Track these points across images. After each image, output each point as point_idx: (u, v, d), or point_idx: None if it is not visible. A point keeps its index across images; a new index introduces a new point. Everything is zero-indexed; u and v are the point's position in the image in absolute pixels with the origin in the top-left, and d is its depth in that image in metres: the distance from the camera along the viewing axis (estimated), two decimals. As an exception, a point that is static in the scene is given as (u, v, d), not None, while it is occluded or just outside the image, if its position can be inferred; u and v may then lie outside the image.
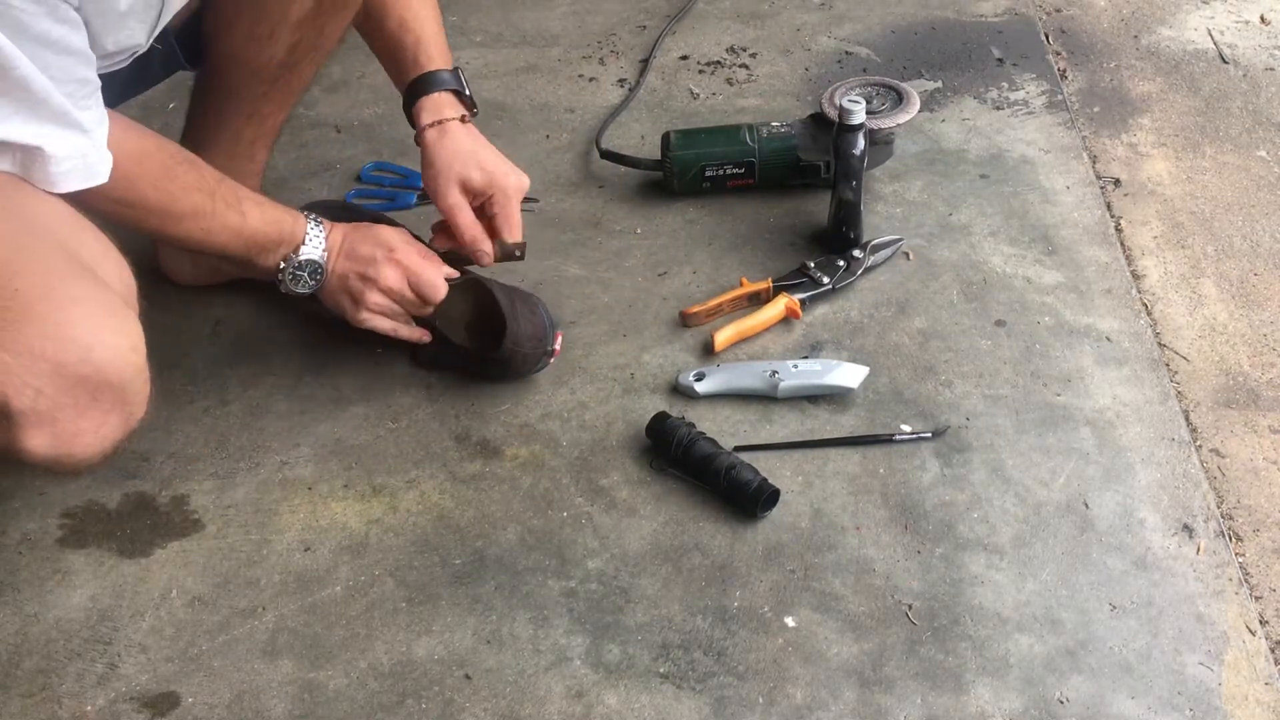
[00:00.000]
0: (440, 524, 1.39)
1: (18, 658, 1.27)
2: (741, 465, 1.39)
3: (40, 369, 1.01)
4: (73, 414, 1.05)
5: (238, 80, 1.50)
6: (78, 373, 1.03)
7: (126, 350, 1.08)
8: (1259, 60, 2.15)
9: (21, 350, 1.00)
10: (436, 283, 1.43)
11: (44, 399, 1.02)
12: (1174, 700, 1.21)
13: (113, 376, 1.06)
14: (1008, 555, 1.34)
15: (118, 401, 1.08)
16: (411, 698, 1.22)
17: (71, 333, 1.03)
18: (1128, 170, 1.91)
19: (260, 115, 1.54)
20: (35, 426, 1.03)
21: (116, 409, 1.08)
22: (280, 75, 1.49)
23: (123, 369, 1.07)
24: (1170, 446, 1.45)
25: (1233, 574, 1.32)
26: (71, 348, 1.03)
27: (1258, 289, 1.70)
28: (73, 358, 1.03)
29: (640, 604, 1.30)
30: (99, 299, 1.08)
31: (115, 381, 1.07)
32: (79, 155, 1.11)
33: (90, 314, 1.06)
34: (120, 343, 1.07)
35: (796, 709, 1.21)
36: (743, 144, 1.78)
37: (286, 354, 1.59)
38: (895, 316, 1.62)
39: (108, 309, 1.08)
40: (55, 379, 1.02)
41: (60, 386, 1.03)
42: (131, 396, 1.09)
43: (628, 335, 1.60)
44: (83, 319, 1.05)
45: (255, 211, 1.36)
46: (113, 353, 1.06)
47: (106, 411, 1.07)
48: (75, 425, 1.06)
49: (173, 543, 1.37)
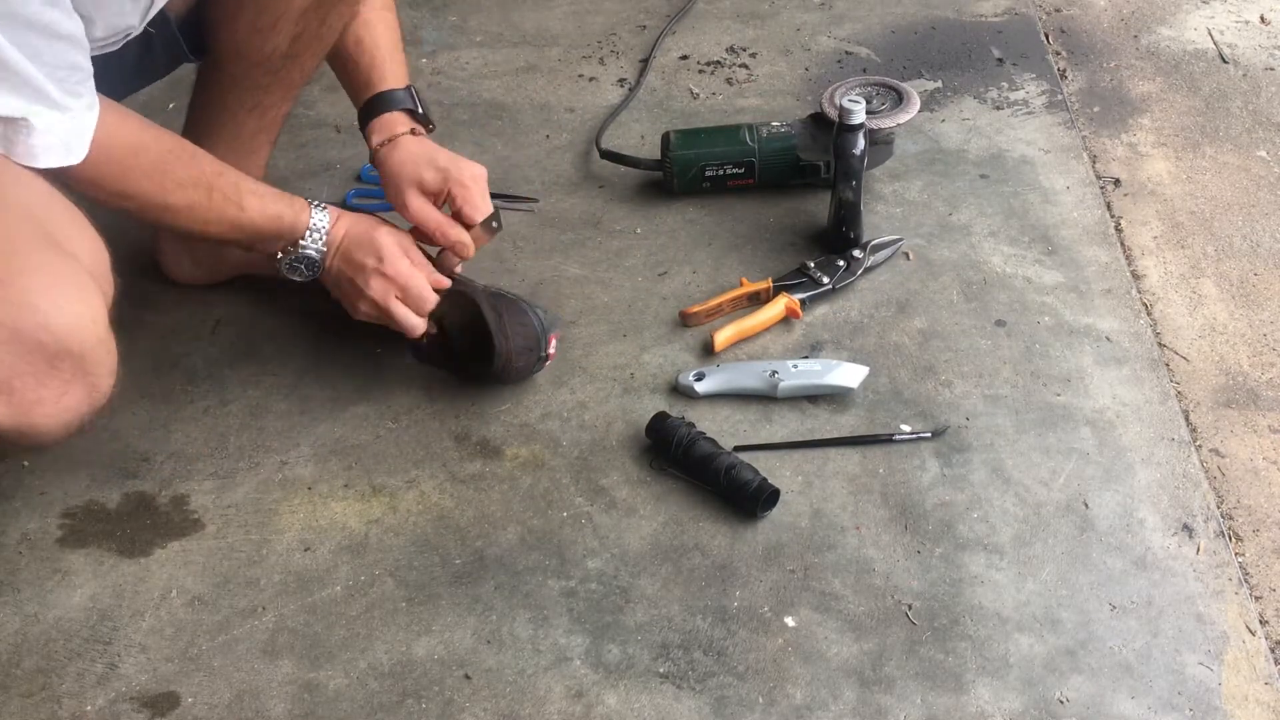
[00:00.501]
0: (440, 524, 1.39)
1: (17, 657, 1.27)
2: (741, 465, 1.39)
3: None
4: (32, 382, 1.04)
5: (240, 72, 1.50)
6: (35, 339, 1.03)
7: (86, 319, 1.07)
8: (1259, 60, 2.15)
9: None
10: (425, 295, 1.44)
11: (1, 366, 1.02)
12: (1174, 700, 1.21)
13: (72, 344, 1.06)
14: (1008, 555, 1.34)
15: (78, 370, 1.07)
16: (411, 698, 1.22)
17: (29, 299, 1.03)
18: (1128, 170, 1.91)
19: (262, 107, 1.54)
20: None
21: (78, 378, 1.08)
22: (282, 67, 1.49)
23: (83, 337, 1.07)
24: (1170, 446, 1.45)
25: (1232, 574, 1.32)
26: (29, 313, 1.02)
27: (1258, 289, 1.70)
28: (29, 323, 1.02)
29: (640, 604, 1.30)
30: (61, 268, 1.07)
31: (75, 349, 1.06)
32: (58, 132, 1.11)
33: (50, 282, 1.05)
34: (80, 309, 1.07)
35: (796, 709, 1.21)
36: (743, 144, 1.78)
37: (286, 354, 1.59)
38: (895, 316, 1.62)
39: (69, 278, 1.07)
40: (11, 345, 1.02)
41: (17, 353, 1.02)
42: (93, 366, 1.09)
43: (628, 335, 1.60)
44: (42, 287, 1.04)
45: (255, 205, 1.36)
46: (72, 319, 1.06)
47: (67, 381, 1.07)
48: (35, 394, 1.05)
49: (173, 543, 1.37)
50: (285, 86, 1.54)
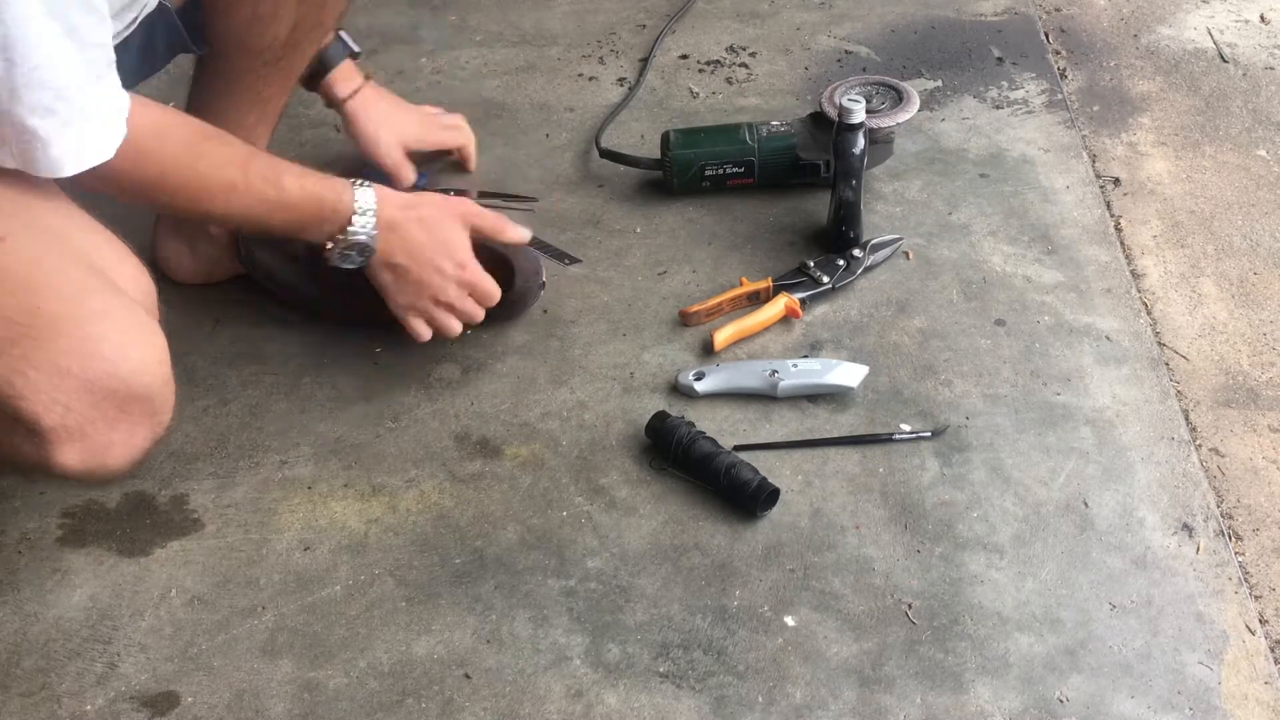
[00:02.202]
0: (440, 523, 1.39)
1: (17, 657, 1.27)
2: (741, 464, 1.39)
3: (68, 385, 1.02)
4: (103, 428, 1.05)
5: (240, 62, 1.49)
6: (106, 387, 1.04)
7: (153, 362, 1.08)
8: (1259, 59, 2.15)
9: (48, 368, 1.01)
10: (494, 293, 1.44)
11: (73, 415, 1.03)
12: (1174, 699, 1.21)
13: (140, 389, 1.07)
14: (1007, 554, 1.34)
15: (146, 412, 1.09)
16: (411, 697, 1.22)
17: (97, 348, 1.04)
18: (1127, 169, 1.91)
19: (263, 98, 1.54)
20: (66, 442, 1.04)
21: (145, 420, 1.09)
22: (283, 55, 1.49)
23: (150, 381, 1.08)
24: (1170, 446, 1.45)
25: (1232, 573, 1.32)
26: (98, 363, 1.03)
27: (1257, 288, 1.70)
28: (100, 373, 1.03)
29: (640, 603, 1.30)
30: (123, 311, 1.08)
31: (143, 393, 1.07)
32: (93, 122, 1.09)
33: (115, 328, 1.06)
34: (146, 355, 1.08)
35: (796, 708, 1.21)
36: (742, 143, 1.78)
37: (286, 353, 1.59)
38: (895, 316, 1.62)
39: (132, 321, 1.08)
40: (83, 395, 1.03)
41: (89, 402, 1.03)
42: (159, 406, 1.10)
43: (627, 334, 1.60)
44: (108, 333, 1.05)
45: (294, 184, 1.31)
46: (139, 365, 1.07)
47: (135, 424, 1.08)
48: (106, 438, 1.06)
49: (172, 542, 1.37)
50: (285, 76, 1.53)
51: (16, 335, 1.00)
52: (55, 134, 1.04)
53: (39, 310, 1.02)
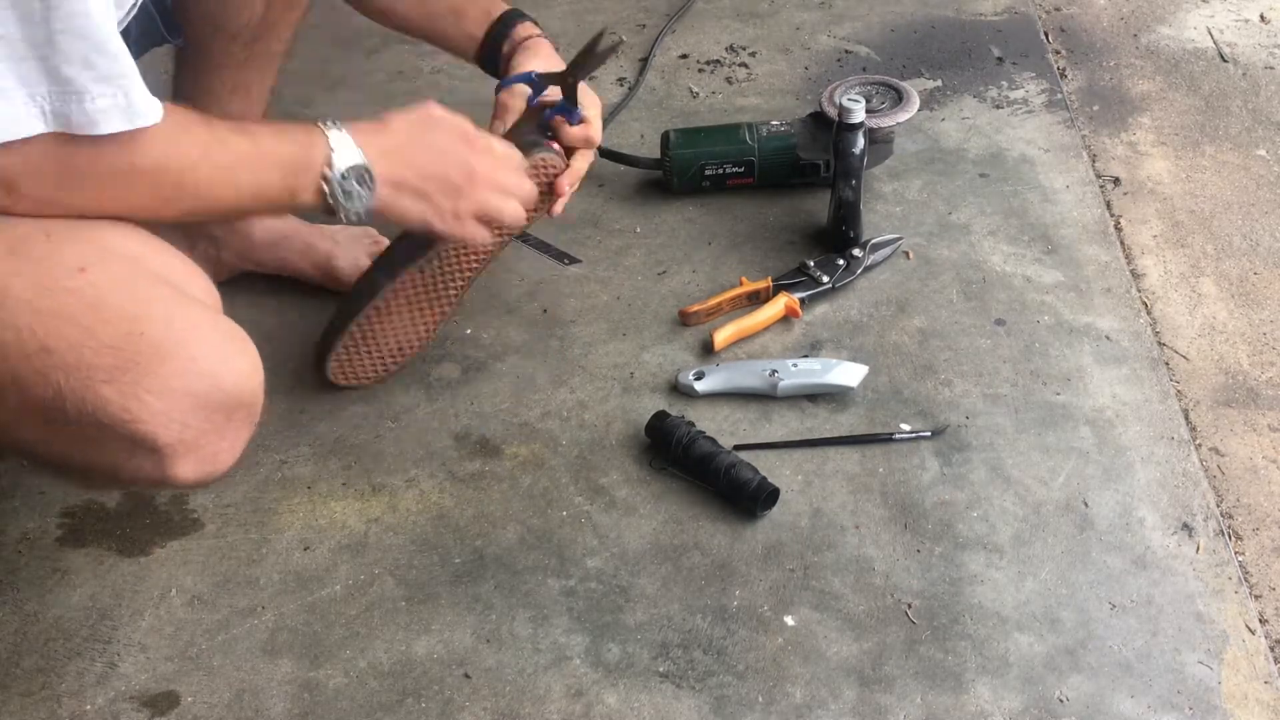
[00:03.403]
0: (440, 523, 1.39)
1: (17, 656, 1.27)
2: (741, 464, 1.39)
3: (183, 404, 1.07)
4: (213, 438, 1.11)
5: (217, 49, 1.47)
6: (214, 400, 1.09)
7: (250, 369, 1.14)
8: (1259, 59, 2.15)
9: (160, 390, 1.05)
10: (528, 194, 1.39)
11: (189, 430, 1.08)
12: (1173, 699, 1.21)
13: (244, 397, 1.13)
14: (1007, 554, 1.34)
15: (248, 418, 1.15)
16: (411, 697, 1.22)
17: (202, 365, 1.08)
18: (1127, 169, 1.91)
19: (245, 85, 1.52)
20: (183, 456, 1.09)
21: (246, 421, 1.15)
22: (258, 36, 1.47)
23: (251, 387, 1.14)
24: (1170, 445, 1.45)
25: (1232, 573, 1.32)
26: (206, 380, 1.08)
27: (1257, 288, 1.70)
28: (208, 387, 1.08)
29: (640, 603, 1.30)
30: (214, 324, 1.13)
31: (246, 401, 1.13)
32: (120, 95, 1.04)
33: (212, 342, 1.11)
34: (244, 363, 1.13)
35: (796, 708, 1.21)
36: (742, 143, 1.78)
37: (286, 353, 1.59)
38: (895, 315, 1.62)
39: (226, 334, 1.13)
40: (195, 410, 1.08)
41: (201, 416, 1.08)
42: (257, 409, 1.16)
43: (627, 334, 1.60)
44: (208, 350, 1.10)
45: (265, 131, 1.21)
46: (240, 376, 1.12)
47: (240, 427, 1.14)
48: (216, 446, 1.12)
49: (172, 542, 1.37)
50: (264, 60, 1.51)
51: (124, 362, 1.04)
52: (92, 86, 1.02)
53: (142, 336, 1.06)
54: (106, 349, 1.04)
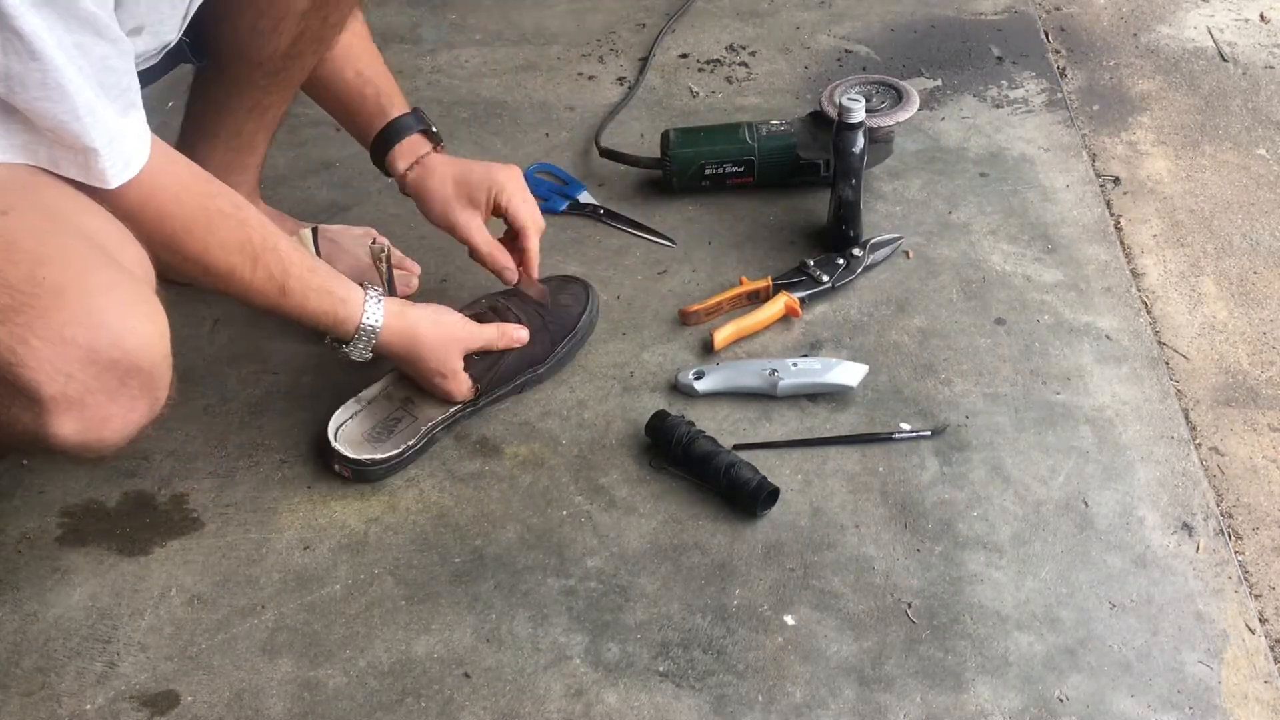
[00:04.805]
0: (439, 522, 1.39)
1: (17, 656, 1.27)
2: (741, 464, 1.39)
3: (71, 355, 1.02)
4: (103, 399, 1.06)
5: (239, 73, 1.49)
6: (109, 358, 1.04)
7: (155, 336, 1.09)
8: (1258, 58, 2.15)
9: (52, 337, 1.01)
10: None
11: (74, 384, 1.03)
12: (1173, 699, 1.21)
13: (143, 362, 1.08)
14: (1007, 553, 1.34)
15: (146, 386, 1.09)
16: (411, 696, 1.22)
17: (102, 318, 1.04)
18: (1127, 168, 1.91)
19: (261, 108, 1.54)
20: (64, 412, 1.04)
21: (144, 394, 1.09)
22: (283, 67, 1.48)
23: (152, 355, 1.08)
24: (1170, 445, 1.45)
25: (1232, 572, 1.32)
26: (103, 333, 1.04)
27: (1257, 287, 1.70)
28: (104, 343, 1.04)
29: (640, 602, 1.30)
30: (127, 285, 1.09)
31: (145, 367, 1.08)
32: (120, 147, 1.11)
33: (120, 300, 1.07)
34: (150, 328, 1.08)
35: (796, 707, 1.21)
36: (742, 142, 1.78)
37: (286, 352, 1.59)
38: (895, 315, 1.62)
39: (137, 295, 1.09)
40: (86, 365, 1.03)
41: (91, 372, 1.04)
42: (158, 381, 1.11)
43: (627, 334, 1.60)
44: (113, 305, 1.06)
45: (297, 296, 1.28)
46: (143, 338, 1.07)
47: (134, 397, 1.08)
48: (105, 410, 1.06)
49: (172, 541, 1.37)
50: (285, 87, 1.53)
51: (20, 304, 1.01)
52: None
53: (44, 280, 1.02)
54: (5, 289, 1.00)
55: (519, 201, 1.48)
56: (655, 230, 1.75)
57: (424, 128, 1.50)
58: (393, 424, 1.45)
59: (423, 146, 1.49)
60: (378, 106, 1.50)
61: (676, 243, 1.74)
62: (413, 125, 1.49)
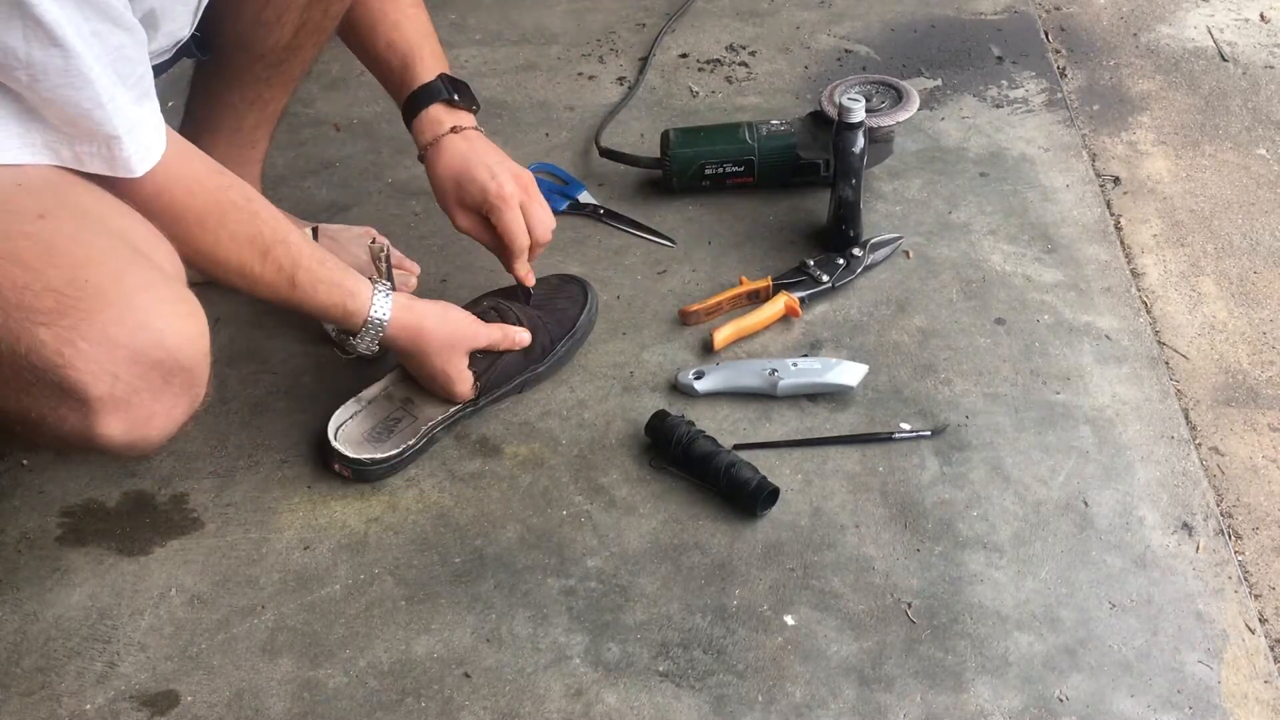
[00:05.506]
0: (439, 522, 1.39)
1: (17, 656, 1.27)
2: (741, 464, 1.39)
3: (117, 355, 1.03)
4: (147, 398, 1.07)
5: (241, 65, 1.50)
6: (153, 357, 1.06)
7: (196, 335, 1.11)
8: (1259, 58, 2.15)
9: (98, 338, 1.02)
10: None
11: (120, 384, 1.04)
12: (1173, 698, 1.21)
13: (185, 360, 1.09)
14: (1007, 553, 1.34)
15: (187, 384, 1.11)
16: (411, 696, 1.22)
17: (145, 319, 1.06)
18: (1127, 168, 1.91)
19: (262, 101, 1.54)
20: (111, 412, 1.05)
21: (185, 391, 1.11)
22: (284, 59, 1.49)
23: (193, 352, 1.10)
24: (1170, 444, 1.45)
25: (1232, 572, 1.32)
26: (146, 333, 1.05)
27: (1257, 287, 1.70)
28: (148, 343, 1.05)
29: (639, 602, 1.30)
30: (165, 285, 1.10)
31: (187, 364, 1.10)
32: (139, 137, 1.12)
33: (160, 299, 1.08)
34: (190, 326, 1.10)
35: (796, 707, 1.21)
36: (742, 142, 1.78)
37: (286, 352, 1.59)
38: (895, 315, 1.62)
39: (175, 294, 1.10)
40: (131, 365, 1.04)
41: (136, 372, 1.05)
42: (198, 378, 1.13)
43: (627, 334, 1.60)
44: (155, 305, 1.07)
45: (306, 289, 1.29)
46: (185, 338, 1.09)
47: (177, 395, 1.10)
48: (149, 409, 1.08)
49: (172, 541, 1.37)
50: (286, 79, 1.53)
51: (64, 307, 1.02)
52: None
53: (86, 282, 1.03)
54: (49, 292, 1.01)
55: (508, 220, 1.44)
56: (655, 230, 1.75)
57: (444, 99, 1.46)
58: (393, 424, 1.45)
59: (442, 122, 1.45)
60: (400, 79, 1.47)
61: (676, 243, 1.74)
62: (433, 95, 1.45)
